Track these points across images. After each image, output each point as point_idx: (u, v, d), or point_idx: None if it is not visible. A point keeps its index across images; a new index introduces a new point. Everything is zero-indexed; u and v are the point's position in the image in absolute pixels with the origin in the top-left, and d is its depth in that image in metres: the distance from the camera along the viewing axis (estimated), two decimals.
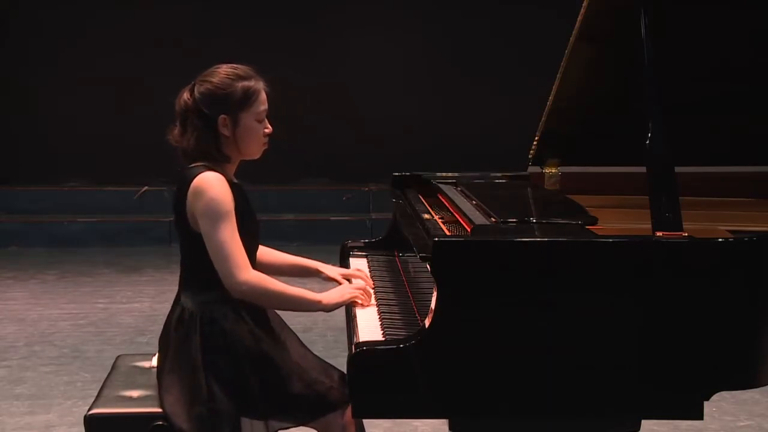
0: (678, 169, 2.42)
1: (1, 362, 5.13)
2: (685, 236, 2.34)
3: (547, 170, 3.54)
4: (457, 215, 2.92)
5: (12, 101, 8.84)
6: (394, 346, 2.30)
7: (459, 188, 3.32)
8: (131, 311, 6.22)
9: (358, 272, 3.04)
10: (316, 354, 2.93)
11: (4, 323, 5.92)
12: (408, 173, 3.65)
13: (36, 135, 8.88)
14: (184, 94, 2.74)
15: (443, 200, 3.24)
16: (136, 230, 8.50)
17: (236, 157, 2.78)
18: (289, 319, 2.96)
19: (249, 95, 2.72)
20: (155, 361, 2.97)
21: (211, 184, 2.65)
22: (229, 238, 2.62)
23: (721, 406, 4.40)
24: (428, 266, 2.39)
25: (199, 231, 2.68)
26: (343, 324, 2.87)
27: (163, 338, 2.82)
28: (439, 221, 2.89)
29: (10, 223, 8.47)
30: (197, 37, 8.70)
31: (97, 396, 2.87)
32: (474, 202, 2.96)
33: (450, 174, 3.60)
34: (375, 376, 2.29)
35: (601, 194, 3.35)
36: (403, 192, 3.49)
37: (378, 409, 2.36)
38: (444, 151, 8.39)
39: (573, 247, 2.33)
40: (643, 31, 2.57)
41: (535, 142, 3.43)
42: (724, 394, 2.77)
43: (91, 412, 2.76)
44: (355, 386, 2.32)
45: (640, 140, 2.45)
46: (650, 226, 2.38)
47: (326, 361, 2.89)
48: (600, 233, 2.47)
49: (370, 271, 3.16)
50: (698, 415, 2.36)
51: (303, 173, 8.97)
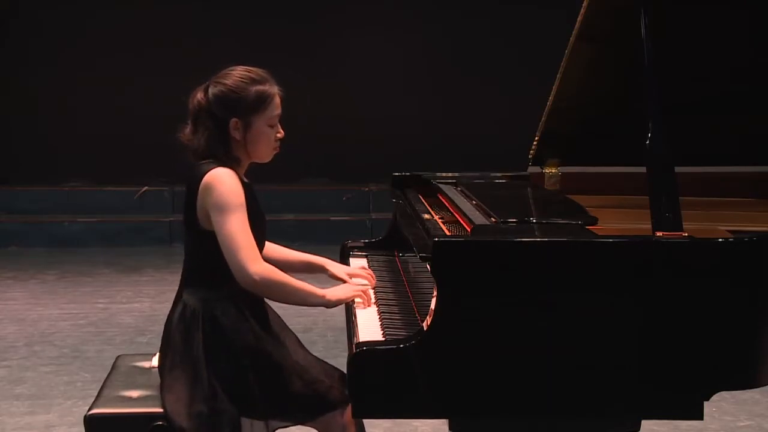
0: (678, 169, 2.42)
1: (1, 362, 5.13)
2: (685, 236, 2.34)
3: (547, 170, 3.54)
4: (457, 215, 2.92)
5: (12, 101, 8.84)
6: (394, 346, 2.29)
7: (459, 188, 3.32)
8: (131, 311, 6.21)
9: (363, 270, 3.04)
10: (316, 355, 2.94)
11: (4, 323, 5.92)
12: (408, 173, 3.65)
13: (36, 135, 8.88)
14: (198, 94, 2.73)
15: (443, 200, 3.24)
16: (136, 230, 8.50)
17: (246, 160, 2.78)
18: (289, 319, 2.96)
19: (262, 99, 2.71)
20: (155, 361, 2.97)
21: (223, 178, 2.65)
22: (241, 229, 2.62)
23: (721, 406, 4.40)
24: (428, 266, 2.39)
25: (208, 228, 2.68)
26: (343, 324, 2.87)
27: (165, 336, 2.81)
28: (439, 221, 2.89)
29: (10, 223, 8.47)
30: (197, 37, 8.70)
31: (97, 396, 2.87)
32: (474, 202, 2.95)
33: (450, 174, 3.60)
34: (375, 376, 2.29)
35: (601, 194, 3.35)
36: (403, 192, 3.49)
37: (378, 409, 2.36)
38: (444, 151, 8.39)
39: (573, 247, 2.33)
40: (643, 31, 2.57)
41: (535, 142, 3.43)
42: (724, 394, 2.76)
43: (91, 412, 2.76)
44: (355, 386, 2.32)
45: (640, 140, 2.45)
46: (650, 226, 2.38)
47: (327, 362, 2.90)
48: (600, 233, 2.46)
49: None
50: (698, 415, 2.36)
51: (303, 173, 8.97)
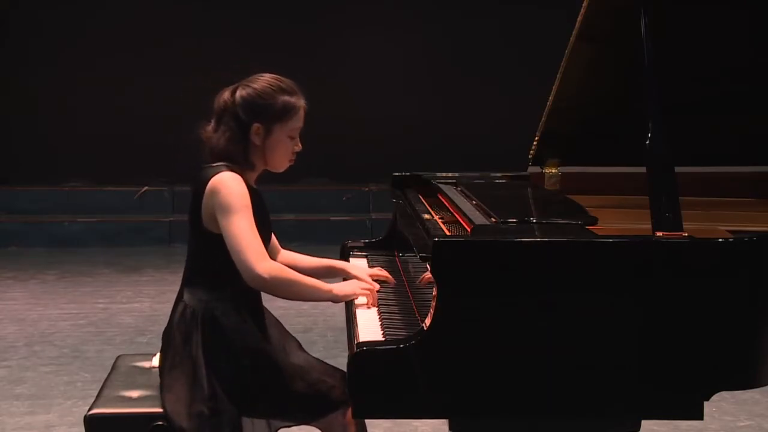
0: (678, 169, 2.42)
1: (1, 362, 5.13)
2: (685, 236, 2.34)
3: (547, 170, 3.54)
4: (457, 215, 2.92)
5: (12, 101, 8.84)
6: (394, 346, 2.29)
7: (459, 188, 3.32)
8: (131, 311, 6.22)
9: (380, 271, 3.03)
10: (316, 356, 2.94)
11: (4, 323, 5.92)
12: (408, 173, 3.65)
13: (36, 135, 8.89)
14: (225, 94, 2.75)
15: (443, 200, 3.24)
16: (136, 230, 8.50)
17: (260, 166, 2.79)
18: (290, 319, 2.97)
19: (288, 110, 2.74)
20: (155, 361, 2.97)
21: (228, 182, 2.67)
22: (247, 229, 2.63)
23: (721, 406, 4.40)
24: (428, 266, 2.39)
25: (212, 230, 2.69)
26: (343, 324, 2.87)
27: (166, 336, 2.81)
28: (439, 221, 2.89)
29: (10, 223, 8.47)
30: (197, 37, 8.70)
31: (97, 396, 2.87)
32: (474, 202, 2.95)
33: (450, 174, 3.59)
34: (375, 377, 2.29)
35: (601, 194, 3.35)
36: (403, 192, 3.49)
37: (378, 409, 2.36)
38: (444, 151, 8.39)
39: (573, 247, 2.33)
40: (643, 31, 2.56)
41: (535, 142, 3.43)
42: (724, 394, 2.76)
43: (91, 412, 2.76)
44: (356, 386, 2.31)
45: (640, 140, 2.45)
46: (650, 226, 2.38)
47: (328, 363, 2.90)
48: (600, 233, 2.46)
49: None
50: (698, 415, 2.35)
51: (303, 173, 8.96)
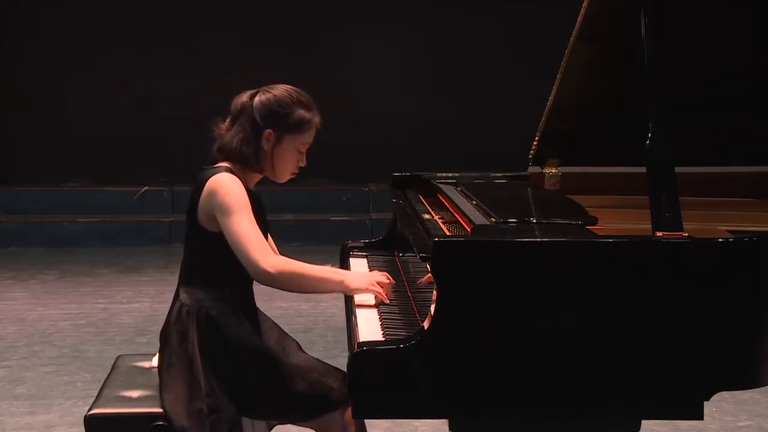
0: (678, 169, 2.42)
1: (1, 362, 5.13)
2: (685, 236, 2.34)
3: (547, 170, 3.54)
4: (457, 215, 2.92)
5: (12, 101, 8.84)
6: (394, 346, 2.29)
7: (459, 188, 3.32)
8: (131, 311, 6.21)
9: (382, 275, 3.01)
10: (316, 356, 2.94)
11: (4, 323, 5.92)
12: (408, 173, 3.65)
13: (36, 135, 8.88)
14: (244, 96, 2.80)
15: (443, 200, 3.23)
16: (136, 230, 8.50)
17: (265, 171, 2.84)
18: (290, 319, 2.97)
19: (302, 123, 2.80)
20: (155, 361, 2.97)
21: (226, 182, 2.70)
22: (249, 227, 2.65)
23: (721, 406, 4.40)
24: (428, 266, 2.39)
25: (209, 228, 2.71)
26: (343, 324, 2.87)
27: (163, 335, 2.82)
28: (439, 221, 2.89)
29: (10, 223, 8.47)
30: (197, 37, 8.70)
31: (97, 396, 2.87)
32: (474, 202, 2.95)
33: (450, 174, 3.59)
34: (375, 377, 2.29)
35: (601, 194, 3.35)
36: (403, 192, 3.49)
37: (378, 409, 2.36)
38: (444, 151, 8.39)
39: (573, 247, 2.33)
40: (643, 31, 2.56)
41: (535, 142, 3.42)
42: (724, 394, 2.76)
43: (91, 412, 2.76)
44: (356, 386, 2.31)
45: (640, 140, 2.45)
46: (650, 226, 2.38)
47: (328, 363, 2.90)
48: (600, 233, 2.46)
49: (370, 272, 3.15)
50: (698, 415, 2.35)
51: (303, 173, 8.94)
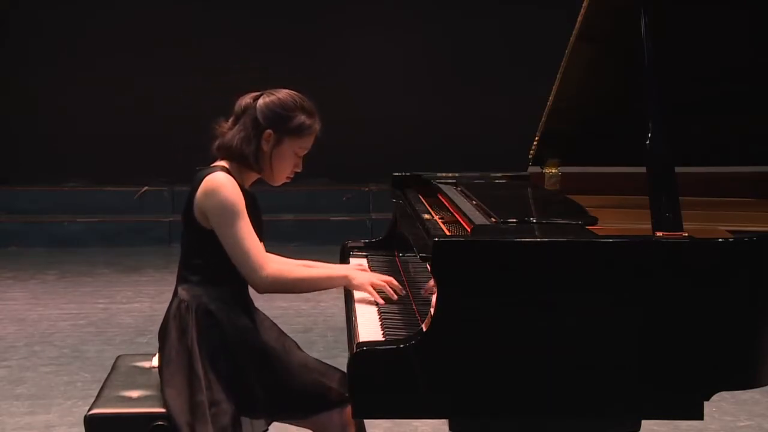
0: (678, 169, 2.42)
1: (1, 362, 5.13)
2: (685, 236, 2.34)
3: (547, 170, 3.54)
4: (457, 215, 2.92)
5: (12, 101, 8.84)
6: (394, 346, 2.29)
7: (459, 188, 3.31)
8: (131, 311, 6.21)
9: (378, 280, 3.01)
10: (316, 356, 2.94)
11: (4, 323, 5.92)
12: (408, 173, 3.65)
13: (36, 135, 8.88)
14: (248, 98, 2.83)
15: (443, 200, 3.24)
16: (136, 230, 8.50)
17: (263, 172, 2.85)
18: (289, 319, 2.97)
19: (302, 128, 2.82)
20: (155, 361, 2.97)
21: (222, 184, 2.71)
22: (247, 235, 2.68)
23: (721, 406, 4.40)
24: (428, 266, 2.39)
25: (205, 226, 2.72)
26: (343, 324, 2.87)
27: (162, 331, 2.82)
28: (439, 221, 2.89)
29: (10, 223, 8.47)
30: (197, 37, 8.70)
31: (97, 396, 2.87)
32: (474, 202, 2.95)
33: (450, 174, 3.60)
34: (375, 377, 2.29)
35: (601, 194, 3.35)
36: (403, 192, 3.49)
37: (378, 409, 2.36)
38: (444, 151, 8.39)
39: (573, 247, 2.33)
40: (643, 31, 2.56)
41: (535, 142, 3.42)
42: (724, 394, 2.76)
43: (91, 412, 2.76)
44: (356, 386, 2.31)
45: (640, 140, 2.45)
46: (650, 226, 2.38)
47: (326, 363, 2.90)
48: (600, 233, 2.46)
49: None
50: (698, 415, 2.35)
51: (303, 173, 8.94)
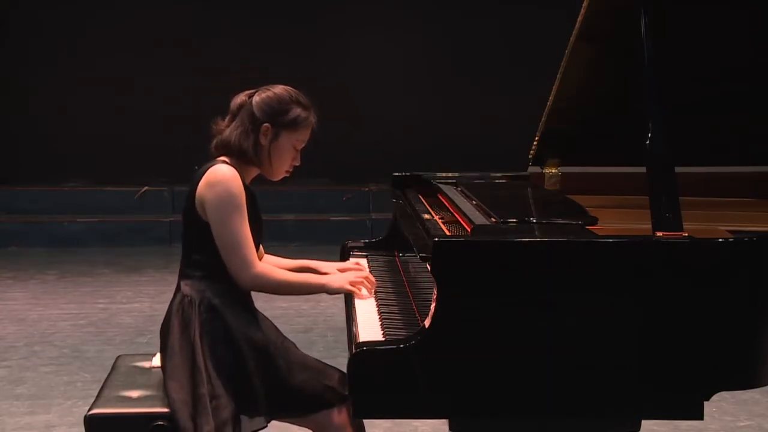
0: (678, 169, 2.42)
1: (1, 362, 5.13)
2: (685, 236, 2.34)
3: (547, 170, 3.54)
4: (457, 215, 2.92)
5: (12, 101, 8.84)
6: (394, 346, 2.29)
7: (459, 188, 3.32)
8: (131, 311, 6.21)
9: (357, 266, 3.05)
10: (316, 356, 2.94)
11: (4, 323, 5.92)
12: (408, 173, 3.65)
13: (36, 135, 8.88)
14: (242, 96, 2.86)
15: (443, 200, 3.24)
16: (136, 230, 8.50)
17: (260, 166, 2.85)
18: (290, 318, 2.97)
19: (298, 121, 2.84)
20: (155, 361, 2.97)
21: (225, 176, 2.73)
22: (240, 231, 2.69)
23: (721, 406, 4.40)
24: (428, 266, 2.39)
25: (207, 220, 2.73)
26: (343, 324, 2.87)
27: (164, 326, 2.83)
28: (439, 221, 2.89)
29: (10, 223, 8.47)
30: (197, 37, 8.70)
31: (97, 396, 2.87)
32: (474, 202, 2.95)
33: (450, 174, 3.60)
34: (375, 377, 2.29)
35: (601, 194, 3.35)
36: (403, 192, 3.49)
37: (378, 409, 2.36)
38: (444, 151, 8.39)
39: (573, 247, 2.33)
40: (643, 31, 2.57)
41: (535, 142, 3.42)
42: (724, 394, 2.76)
43: (91, 412, 2.76)
44: (356, 386, 2.31)
45: (640, 140, 2.45)
46: (650, 226, 2.38)
47: (326, 363, 2.90)
48: (600, 233, 2.46)
49: (370, 271, 3.15)
50: (698, 415, 2.36)
51: (303, 173, 8.94)
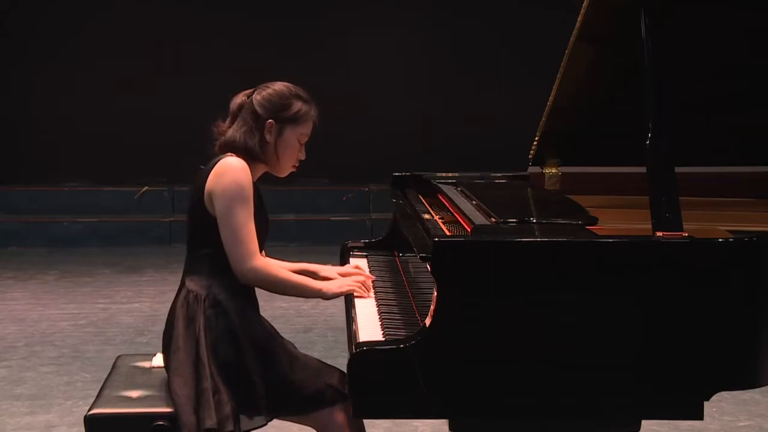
0: (678, 169, 2.42)
1: (1, 362, 5.13)
2: (685, 236, 2.34)
3: (547, 170, 3.54)
4: (457, 215, 2.92)
5: (12, 101, 8.84)
6: (394, 346, 2.30)
7: (459, 188, 3.32)
8: (131, 311, 6.21)
9: (356, 269, 3.05)
10: (316, 356, 2.94)
11: (4, 323, 5.92)
12: (408, 173, 3.66)
13: (36, 135, 8.88)
14: (241, 97, 2.87)
15: (443, 200, 3.24)
16: (136, 230, 8.50)
17: (267, 164, 2.86)
18: (290, 318, 2.97)
19: (301, 115, 2.85)
20: (155, 361, 2.98)
21: (235, 167, 2.74)
22: (245, 223, 2.70)
23: (721, 406, 4.40)
24: (428, 266, 2.39)
25: (215, 215, 2.73)
26: (343, 324, 2.87)
27: (169, 322, 2.83)
28: (439, 221, 2.89)
29: (10, 223, 8.47)
30: (197, 37, 8.70)
31: (97, 396, 2.87)
32: (474, 202, 2.95)
33: (450, 174, 3.60)
34: (375, 377, 2.29)
35: (601, 194, 3.35)
36: (403, 192, 3.49)
37: (378, 409, 2.36)
38: (444, 151, 8.39)
39: (573, 247, 2.33)
40: (643, 31, 2.57)
41: (535, 142, 3.42)
42: (724, 394, 2.77)
43: (91, 412, 2.76)
44: (356, 386, 2.32)
45: (640, 140, 2.45)
46: (650, 226, 2.38)
47: (325, 362, 2.90)
48: (600, 233, 2.46)
49: (370, 271, 3.16)
50: (698, 415, 2.36)
51: (303, 173, 8.93)
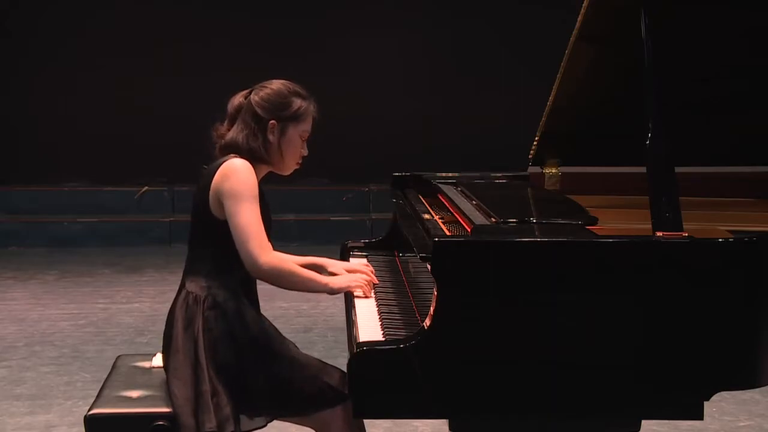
0: (678, 169, 2.42)
1: (1, 362, 5.13)
2: (685, 236, 2.34)
3: (547, 170, 3.54)
4: (457, 215, 2.92)
5: (12, 101, 8.84)
6: (394, 346, 2.30)
7: (459, 188, 3.32)
8: (131, 311, 6.21)
9: (365, 267, 3.06)
10: (316, 356, 2.94)
11: (4, 323, 5.92)
12: (408, 173, 3.66)
13: (36, 135, 8.88)
14: (239, 98, 2.87)
15: (443, 200, 3.24)
16: (136, 230, 8.51)
17: (274, 163, 2.87)
18: (290, 319, 2.97)
19: (302, 112, 2.86)
20: (155, 361, 2.98)
21: (242, 168, 2.75)
22: (254, 219, 2.70)
23: (721, 406, 4.40)
24: (428, 266, 2.39)
25: (219, 216, 2.74)
26: (343, 324, 2.87)
27: (168, 323, 2.83)
28: (439, 221, 2.89)
29: (10, 223, 8.47)
30: (197, 37, 8.70)
31: (97, 396, 2.87)
32: (474, 202, 2.96)
33: (450, 174, 3.60)
34: (375, 377, 2.29)
35: (601, 194, 3.35)
36: (403, 192, 3.49)
37: (378, 409, 2.36)
38: (444, 151, 8.39)
39: (573, 247, 2.33)
40: (643, 31, 2.57)
41: (535, 142, 3.42)
42: (724, 394, 2.77)
43: (91, 412, 2.76)
44: (356, 386, 2.32)
45: (640, 140, 2.45)
46: (650, 226, 2.38)
47: (325, 362, 2.90)
48: (600, 233, 2.46)
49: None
50: (698, 415, 2.36)
51: (303, 173, 8.93)
